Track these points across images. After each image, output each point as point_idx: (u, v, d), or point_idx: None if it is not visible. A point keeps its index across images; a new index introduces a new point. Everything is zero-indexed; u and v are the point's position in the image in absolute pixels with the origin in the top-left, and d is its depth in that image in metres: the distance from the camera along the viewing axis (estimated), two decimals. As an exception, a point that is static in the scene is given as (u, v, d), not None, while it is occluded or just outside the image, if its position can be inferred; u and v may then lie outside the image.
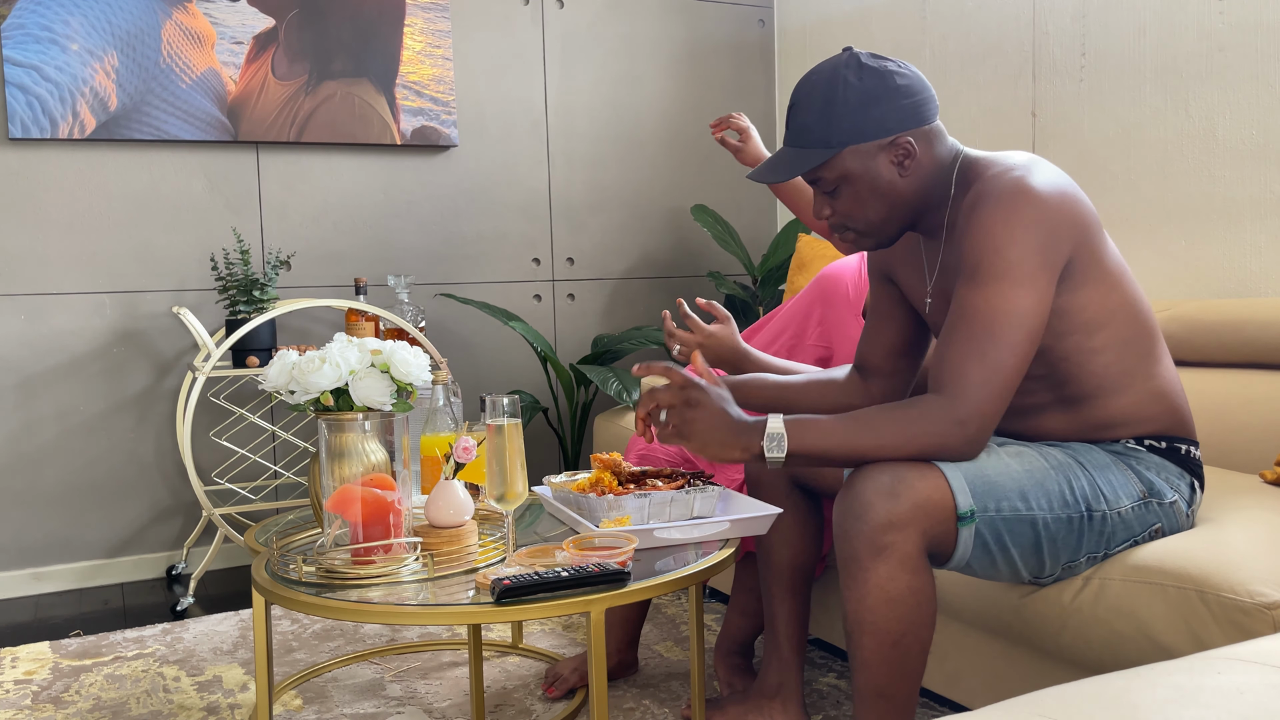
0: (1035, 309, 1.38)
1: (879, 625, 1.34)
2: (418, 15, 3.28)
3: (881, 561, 1.33)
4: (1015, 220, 1.39)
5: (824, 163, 1.49)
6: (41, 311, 2.95)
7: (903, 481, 1.34)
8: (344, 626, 2.50)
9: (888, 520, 1.33)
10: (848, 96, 1.46)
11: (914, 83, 1.49)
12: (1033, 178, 1.43)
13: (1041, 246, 1.39)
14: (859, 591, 1.35)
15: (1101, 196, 2.64)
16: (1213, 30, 2.38)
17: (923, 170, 1.51)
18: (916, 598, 1.34)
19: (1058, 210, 1.41)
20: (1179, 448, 1.52)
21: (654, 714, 1.95)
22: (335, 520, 1.54)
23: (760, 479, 1.83)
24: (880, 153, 1.48)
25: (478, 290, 3.46)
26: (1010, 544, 1.41)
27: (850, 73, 1.47)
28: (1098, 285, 1.46)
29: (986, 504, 1.38)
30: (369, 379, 1.53)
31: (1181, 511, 1.50)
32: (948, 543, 1.38)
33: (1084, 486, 1.43)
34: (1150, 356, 1.51)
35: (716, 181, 3.81)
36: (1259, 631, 1.29)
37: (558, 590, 1.38)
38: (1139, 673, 0.77)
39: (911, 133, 1.48)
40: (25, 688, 2.19)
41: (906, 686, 1.37)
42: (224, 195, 3.13)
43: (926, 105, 1.50)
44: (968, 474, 1.37)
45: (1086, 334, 1.47)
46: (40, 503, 2.97)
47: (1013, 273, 1.37)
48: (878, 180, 1.49)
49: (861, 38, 3.42)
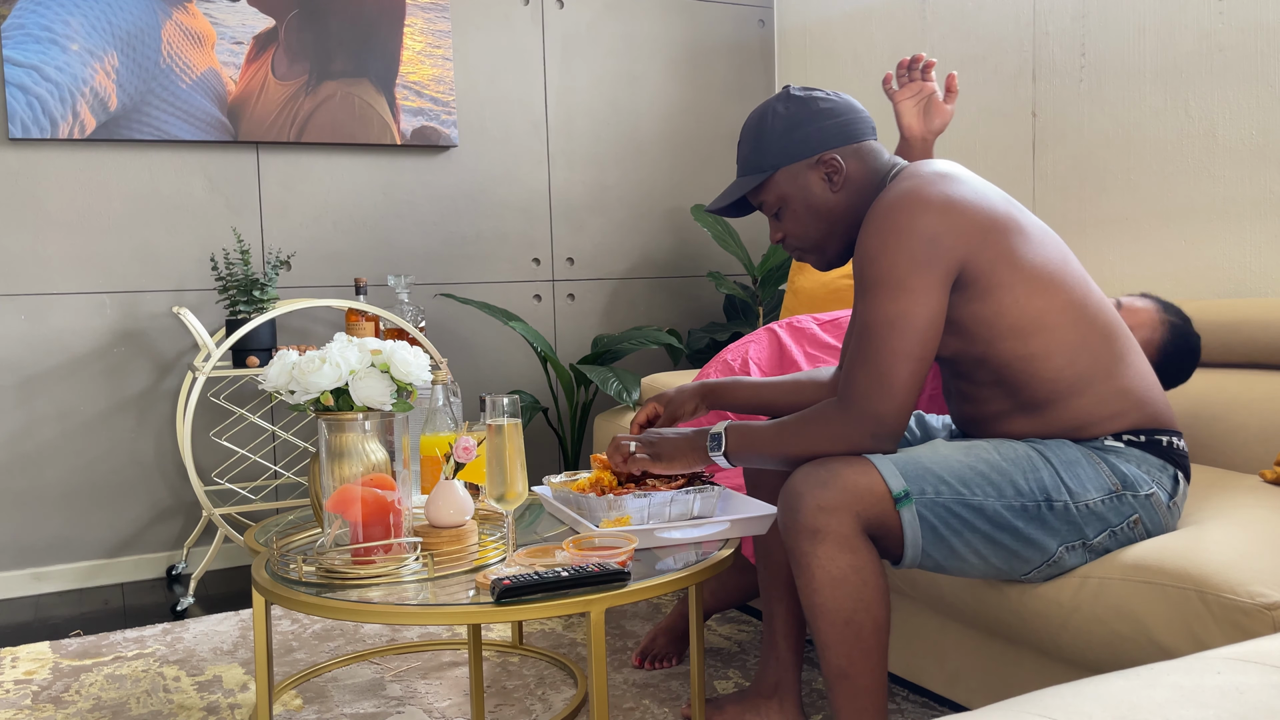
0: (914, 313, 1.44)
1: (827, 606, 1.43)
2: (418, 15, 3.28)
3: (819, 545, 1.42)
4: (888, 229, 1.47)
5: (762, 186, 1.63)
6: (41, 311, 2.95)
7: (832, 472, 1.44)
8: (344, 626, 2.51)
9: (817, 505, 1.42)
10: (775, 124, 1.61)
11: (839, 106, 1.62)
12: (925, 188, 1.48)
13: (916, 253, 1.45)
14: (805, 577, 1.44)
15: (1101, 196, 2.64)
16: (1213, 30, 2.38)
17: (854, 185, 1.61)
18: (860, 575, 1.42)
19: (940, 218, 1.46)
20: (1159, 439, 1.53)
21: (654, 714, 1.95)
22: (335, 520, 1.54)
23: (759, 480, 1.84)
24: (809, 171, 1.61)
25: (478, 290, 3.46)
26: (963, 529, 1.45)
27: (779, 104, 1.63)
28: (1011, 290, 1.48)
29: (923, 487, 1.44)
30: (369, 379, 1.53)
31: (1161, 504, 1.51)
32: (893, 527, 1.45)
33: (1043, 478, 1.47)
34: (1108, 356, 1.52)
35: (717, 182, 3.81)
36: (1259, 631, 1.29)
37: (558, 590, 1.38)
38: (1139, 673, 0.77)
39: (838, 150, 1.60)
40: (25, 688, 2.19)
41: (867, 666, 1.44)
42: (224, 195, 3.13)
43: (853, 125, 1.61)
44: (898, 461, 1.46)
45: (1019, 339, 1.49)
46: (40, 503, 2.97)
47: (886, 280, 1.46)
48: (811, 197, 1.61)
49: (861, 38, 3.42)
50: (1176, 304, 2.09)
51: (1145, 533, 1.51)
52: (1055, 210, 2.76)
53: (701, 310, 3.83)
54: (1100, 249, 2.65)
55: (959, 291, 1.49)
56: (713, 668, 2.17)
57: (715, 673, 2.14)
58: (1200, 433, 2.02)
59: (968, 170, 1.56)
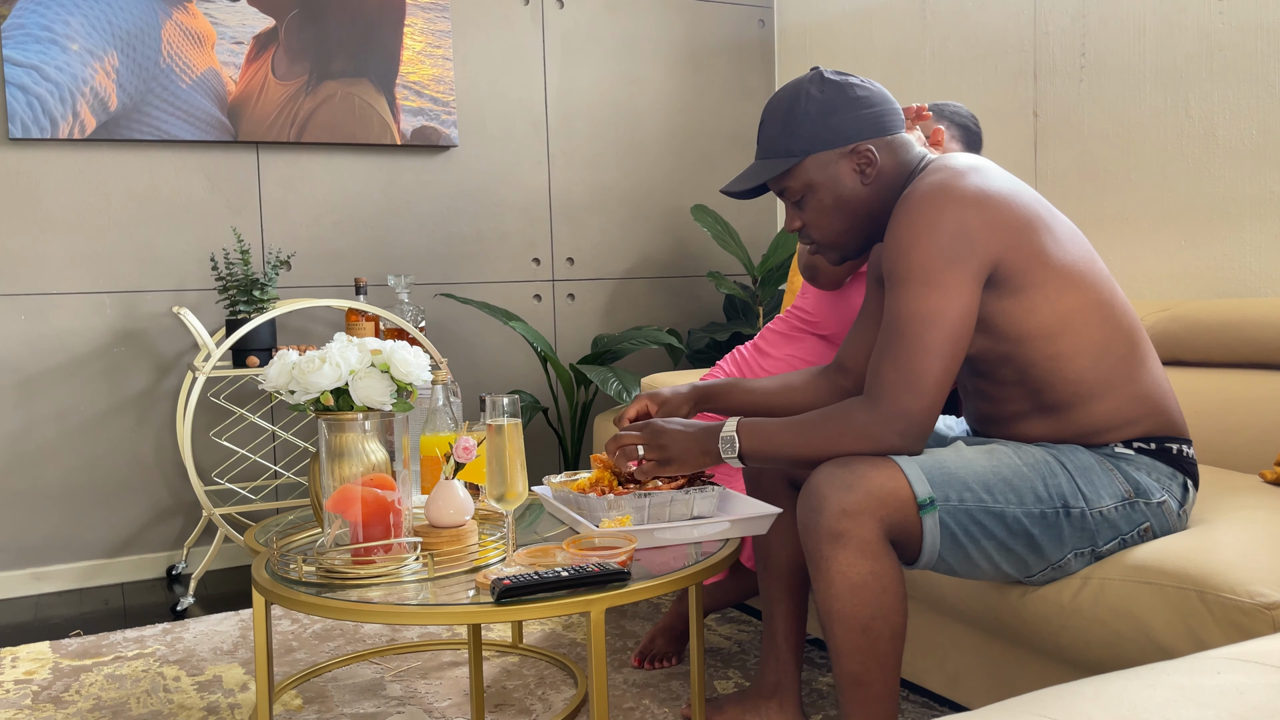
0: (946, 308, 1.40)
1: (845, 612, 1.39)
2: (418, 15, 3.28)
3: (840, 549, 1.38)
4: (921, 224, 1.42)
5: (789, 172, 1.56)
6: (41, 311, 2.95)
7: (857, 474, 1.39)
8: (344, 626, 2.51)
9: (841, 509, 1.37)
10: (809, 108, 1.54)
11: (874, 95, 1.56)
12: (957, 181, 1.45)
13: (949, 248, 1.41)
14: (823, 581, 1.40)
15: (1101, 196, 2.64)
16: (1212, 30, 2.38)
17: (885, 179, 1.56)
18: (880, 582, 1.38)
19: (974, 213, 1.42)
20: (1170, 448, 1.52)
21: (654, 714, 1.95)
22: (335, 520, 1.54)
23: (760, 480, 1.83)
24: (841, 160, 1.54)
25: (478, 290, 3.46)
26: (980, 536, 1.43)
27: (813, 86, 1.55)
28: (1042, 289, 1.46)
29: (948, 494, 1.41)
30: (369, 379, 1.53)
31: (1172, 511, 1.50)
32: (913, 532, 1.41)
33: (1061, 485, 1.45)
34: (1130, 360, 1.50)
35: (716, 181, 3.81)
36: (1259, 631, 1.29)
37: (558, 590, 1.38)
38: (1139, 673, 0.77)
39: (872, 141, 1.54)
40: (25, 687, 2.19)
41: (882, 673, 1.41)
42: (224, 195, 3.13)
43: (887, 116, 1.56)
44: (925, 465, 1.42)
45: (1047, 339, 1.47)
46: (40, 503, 2.97)
47: (918, 275, 1.41)
48: (840, 188, 1.55)
49: (861, 38, 3.42)
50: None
51: (1154, 540, 1.50)
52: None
53: (701, 310, 3.83)
54: (1100, 249, 2.65)
55: (990, 288, 1.45)
56: (713, 668, 2.17)
57: (715, 673, 2.14)
58: (1200, 433, 2.02)
59: (995, 164, 1.54)
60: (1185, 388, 2.09)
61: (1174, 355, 2.17)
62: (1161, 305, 2.25)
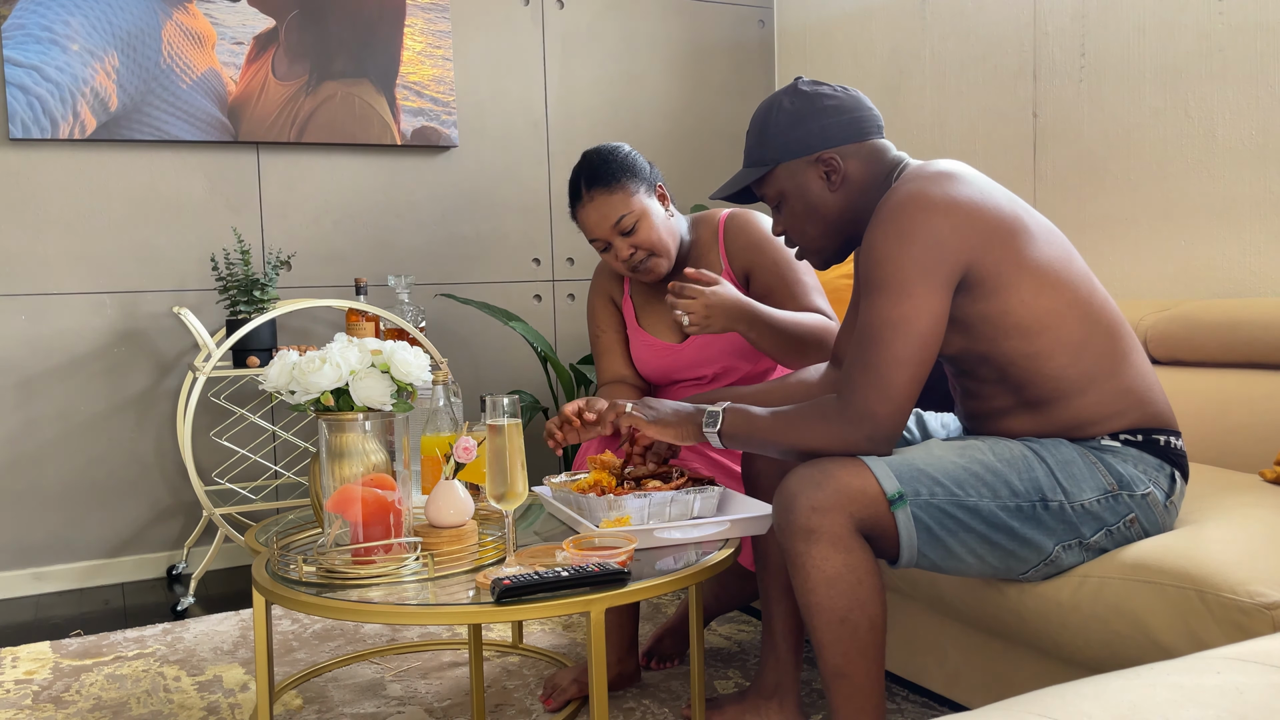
0: (915, 317, 1.44)
1: (823, 605, 1.43)
2: (418, 15, 3.28)
3: (813, 544, 1.42)
4: (892, 232, 1.46)
5: (763, 180, 1.64)
6: (41, 311, 2.95)
7: (826, 473, 1.44)
8: (344, 626, 2.51)
9: (811, 506, 1.42)
10: (779, 119, 1.61)
11: (844, 103, 1.61)
12: (929, 189, 1.48)
13: (918, 257, 1.44)
14: (800, 577, 1.44)
15: (1101, 196, 2.64)
16: (1212, 31, 2.38)
17: (853, 185, 1.61)
18: (855, 574, 1.43)
19: (944, 220, 1.45)
20: (1157, 439, 1.53)
21: (654, 714, 1.95)
22: (335, 520, 1.54)
23: (759, 480, 1.83)
24: (808, 168, 1.61)
25: (478, 290, 3.46)
26: (958, 530, 1.46)
27: (785, 98, 1.62)
28: (1017, 290, 1.48)
29: (918, 489, 1.44)
30: (369, 379, 1.53)
31: (1158, 503, 1.51)
32: (888, 529, 1.45)
33: (1038, 478, 1.47)
34: (1113, 356, 1.52)
35: (716, 181, 3.81)
36: (1259, 631, 1.29)
37: (558, 590, 1.38)
38: (1138, 672, 0.77)
39: (838, 149, 1.60)
40: (26, 687, 2.19)
41: (864, 664, 1.44)
42: (224, 195, 3.13)
43: (858, 123, 1.61)
44: (893, 463, 1.46)
45: (1024, 338, 1.49)
46: (41, 503, 2.97)
47: (889, 284, 1.45)
48: (808, 195, 1.61)
49: (861, 38, 3.42)
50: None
51: (1142, 532, 1.51)
52: (1055, 210, 2.76)
53: (701, 310, 3.82)
54: (1100, 249, 2.65)
55: (964, 292, 1.49)
56: (713, 668, 2.17)
57: (715, 673, 2.14)
58: (1200, 433, 2.02)
59: (973, 169, 1.56)
60: (1185, 388, 2.09)
61: (1174, 355, 2.17)
62: (1161, 305, 2.25)
